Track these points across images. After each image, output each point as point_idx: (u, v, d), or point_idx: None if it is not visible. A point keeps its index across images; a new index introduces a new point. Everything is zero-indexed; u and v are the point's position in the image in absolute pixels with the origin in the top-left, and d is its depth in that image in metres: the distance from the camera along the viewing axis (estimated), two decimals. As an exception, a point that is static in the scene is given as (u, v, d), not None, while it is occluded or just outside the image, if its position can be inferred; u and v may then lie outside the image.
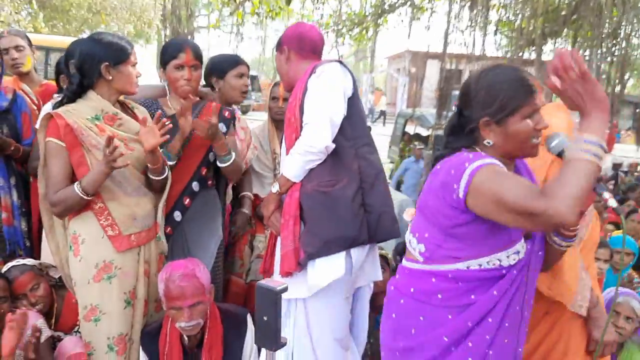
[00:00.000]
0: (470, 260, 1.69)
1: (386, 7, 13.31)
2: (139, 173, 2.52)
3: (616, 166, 12.07)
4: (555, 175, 1.46)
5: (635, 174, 10.28)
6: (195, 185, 2.85)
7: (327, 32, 15.27)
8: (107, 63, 2.38)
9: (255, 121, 5.45)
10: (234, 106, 3.48)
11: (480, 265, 1.69)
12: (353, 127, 2.46)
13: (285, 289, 1.12)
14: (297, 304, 2.49)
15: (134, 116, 2.58)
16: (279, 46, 2.64)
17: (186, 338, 2.45)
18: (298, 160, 2.37)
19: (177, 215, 2.80)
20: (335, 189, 2.40)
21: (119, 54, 2.42)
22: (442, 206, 1.67)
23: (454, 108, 1.75)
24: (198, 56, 2.81)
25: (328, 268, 2.40)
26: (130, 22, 21.39)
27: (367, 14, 15.50)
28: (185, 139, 2.74)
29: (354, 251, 2.43)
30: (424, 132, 12.62)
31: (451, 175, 1.63)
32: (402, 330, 1.81)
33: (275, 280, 1.13)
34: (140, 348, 2.51)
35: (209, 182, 2.94)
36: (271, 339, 1.12)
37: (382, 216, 2.46)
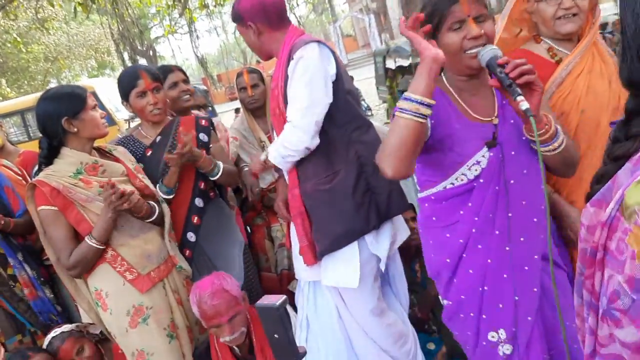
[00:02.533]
0: (444, 182, 1.82)
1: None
2: None
3: (600, 28, 11.83)
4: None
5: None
6: (198, 202, 2.84)
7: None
8: (66, 117, 2.36)
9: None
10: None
11: (452, 183, 1.82)
12: (343, 111, 2.36)
13: (285, 302, 1.12)
14: (329, 289, 2.50)
15: (115, 159, 2.57)
16: (241, 21, 2.46)
17: (236, 348, 2.48)
18: (279, 151, 2.33)
19: (191, 237, 2.80)
20: (334, 184, 2.36)
21: (74, 104, 2.39)
22: None
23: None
24: (156, 77, 2.78)
25: (342, 268, 2.39)
26: (89, 57, 21.29)
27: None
28: None
29: (367, 237, 2.40)
30: (405, 63, 12.45)
31: None
32: (426, 257, 2.00)
33: (272, 296, 1.13)
34: (198, 372, 2.55)
35: (211, 194, 2.94)
36: (289, 354, 1.12)
37: (392, 194, 2.40)
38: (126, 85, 2.74)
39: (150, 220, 2.53)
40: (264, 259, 3.51)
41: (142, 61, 25.07)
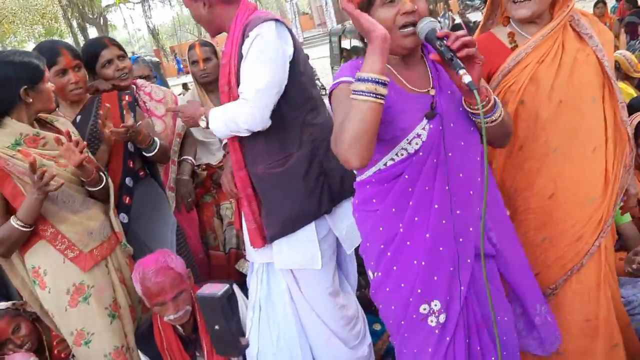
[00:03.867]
0: (384, 158, 1.77)
1: None
2: (80, 187, 2.44)
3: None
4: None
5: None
6: (128, 181, 2.75)
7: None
8: (25, 86, 2.24)
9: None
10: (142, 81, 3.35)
11: (393, 159, 1.77)
12: (298, 93, 2.30)
13: (228, 290, 1.08)
14: (283, 271, 2.47)
15: (57, 130, 2.45)
16: None
17: (180, 328, 2.44)
18: (225, 124, 2.24)
19: (123, 217, 2.71)
20: (287, 167, 2.30)
21: (35, 74, 2.28)
22: None
23: None
24: (76, 55, 2.67)
25: (297, 247, 2.37)
26: (35, 22, 20.42)
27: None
28: (97, 143, 2.65)
29: (319, 221, 2.38)
30: (361, 44, 12.43)
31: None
32: (363, 243, 1.95)
33: (215, 285, 1.09)
34: (139, 352, 2.50)
35: (141, 174, 2.86)
36: (230, 345, 1.09)
37: (344, 176, 2.37)
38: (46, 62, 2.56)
39: (97, 188, 2.44)
40: (212, 237, 3.46)
41: (92, 30, 24.24)
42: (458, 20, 15.28)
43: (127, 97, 2.80)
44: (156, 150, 2.73)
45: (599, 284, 2.13)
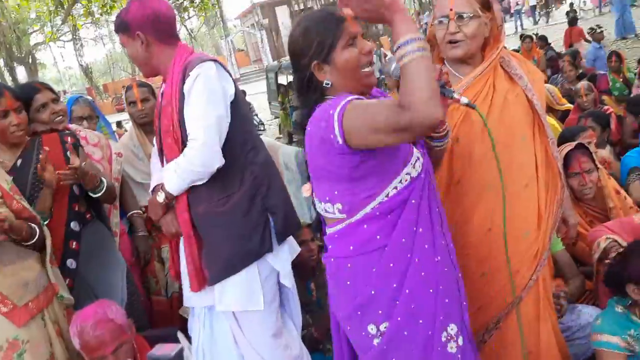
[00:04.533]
0: (386, 189, 1.71)
1: (218, -32, 12.97)
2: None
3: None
4: (410, 80, 1.48)
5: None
6: (74, 225, 2.69)
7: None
8: None
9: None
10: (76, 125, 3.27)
11: (396, 188, 1.71)
12: (239, 132, 2.31)
13: (180, 352, 1.05)
14: (225, 314, 2.42)
15: None
16: (128, 31, 2.32)
17: (122, 381, 2.34)
18: (182, 177, 2.22)
19: (71, 263, 2.64)
20: (228, 207, 2.29)
21: None
22: (332, 160, 1.67)
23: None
24: (18, 96, 2.61)
25: (239, 288, 2.33)
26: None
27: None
28: (39, 186, 2.57)
29: (261, 261, 2.36)
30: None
31: (323, 128, 1.64)
32: (360, 291, 1.76)
33: (166, 345, 1.06)
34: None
35: (88, 216, 2.79)
36: None
37: (287, 214, 2.40)
38: None
39: (30, 243, 2.35)
40: (153, 281, 3.37)
41: (20, 69, 23.52)
42: (389, 55, 15.72)
43: (69, 139, 2.75)
44: (103, 190, 2.68)
45: (538, 315, 2.20)
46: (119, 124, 11.25)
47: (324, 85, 1.73)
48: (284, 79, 13.03)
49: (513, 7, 24.90)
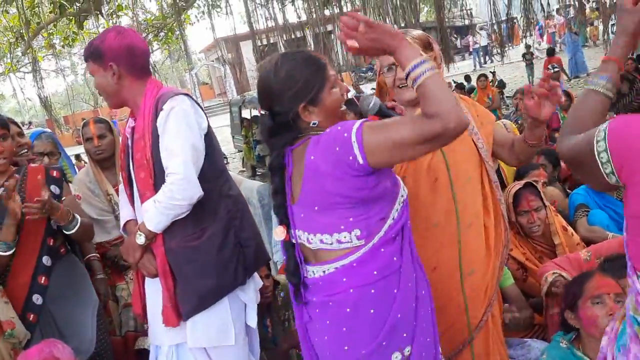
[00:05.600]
0: (392, 211, 1.76)
1: (182, 3, 13.08)
2: None
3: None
4: (429, 97, 1.57)
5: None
6: (46, 260, 2.62)
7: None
8: None
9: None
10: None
11: (397, 209, 1.78)
12: (213, 165, 2.33)
13: None
14: (196, 351, 2.38)
15: None
16: (100, 60, 2.28)
17: None
18: (165, 213, 2.20)
19: (37, 299, 2.56)
20: (202, 241, 2.29)
21: None
22: (349, 183, 1.67)
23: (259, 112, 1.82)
24: (2, 124, 2.56)
25: (212, 323, 2.33)
26: None
27: (166, 15, 15.17)
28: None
29: (231, 295, 2.37)
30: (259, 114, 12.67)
31: (338, 153, 1.65)
32: (387, 317, 1.74)
33: None
34: None
35: (62, 251, 2.73)
36: None
37: (258, 247, 2.43)
38: None
39: None
40: (108, 321, 3.31)
41: (-22, 99, 23.00)
42: (352, 90, 15.98)
43: (55, 173, 2.73)
44: (76, 228, 2.62)
45: (488, 352, 2.25)
46: (77, 156, 11.09)
47: (310, 125, 1.78)
48: (247, 113, 13.11)
49: (472, 45, 25.81)
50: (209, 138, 2.33)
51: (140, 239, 2.27)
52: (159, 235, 2.29)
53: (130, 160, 2.38)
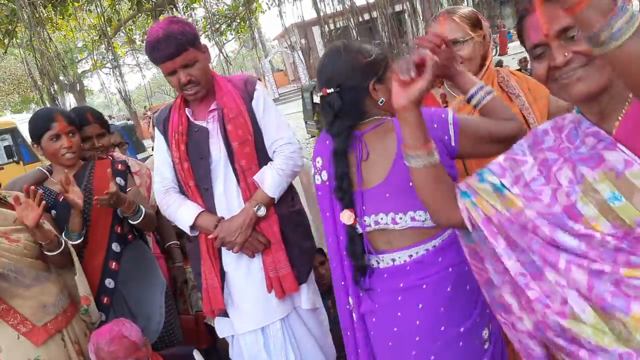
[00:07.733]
0: None
1: (252, -8, 13.24)
2: (34, 260, 2.45)
3: (522, 62, 12.53)
4: (495, 111, 1.77)
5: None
6: (115, 247, 2.76)
7: (207, 34, 15.16)
8: None
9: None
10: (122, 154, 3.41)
11: None
12: None
13: None
14: (309, 313, 2.60)
15: (9, 206, 2.47)
16: (197, 44, 2.33)
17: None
18: (286, 180, 2.44)
19: (110, 283, 2.72)
20: (299, 207, 2.59)
21: None
22: (442, 160, 1.62)
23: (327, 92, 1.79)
24: (71, 121, 2.72)
25: (311, 284, 2.62)
26: (10, 92, 20.52)
27: (238, 4, 15.43)
28: (86, 207, 2.67)
29: None
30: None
31: (435, 129, 1.72)
32: (475, 293, 1.76)
33: None
34: None
35: (130, 237, 2.87)
36: None
37: None
38: (40, 127, 2.66)
39: (55, 252, 2.44)
40: (181, 301, 3.48)
41: (69, 96, 24.33)
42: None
43: (120, 166, 2.88)
44: (140, 218, 2.74)
45: None
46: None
47: (379, 103, 1.81)
48: (318, 99, 13.16)
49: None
50: None
51: (261, 210, 2.40)
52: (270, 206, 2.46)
53: (222, 142, 2.42)
